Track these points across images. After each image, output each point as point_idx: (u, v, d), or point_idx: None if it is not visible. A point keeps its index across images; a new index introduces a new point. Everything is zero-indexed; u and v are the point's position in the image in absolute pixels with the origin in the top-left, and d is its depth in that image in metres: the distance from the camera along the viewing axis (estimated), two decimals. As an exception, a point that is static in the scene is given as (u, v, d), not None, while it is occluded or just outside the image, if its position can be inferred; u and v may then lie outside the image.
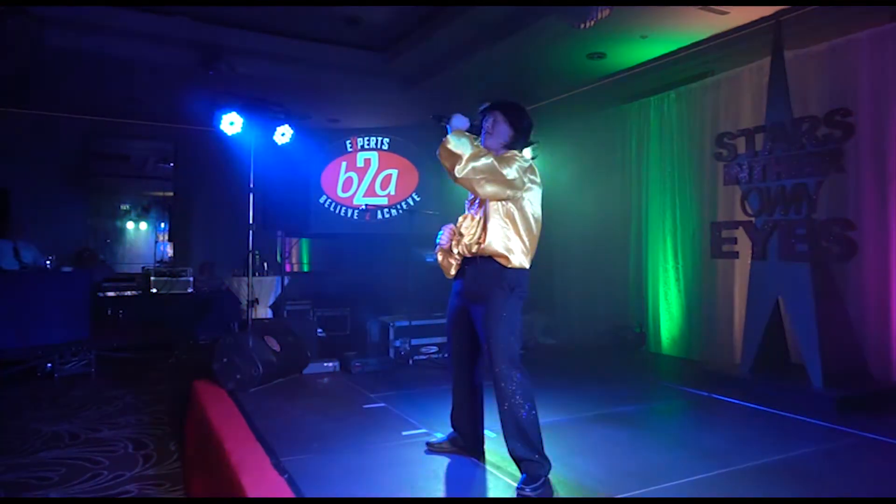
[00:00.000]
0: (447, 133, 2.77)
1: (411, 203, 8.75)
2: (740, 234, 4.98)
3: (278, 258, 8.12)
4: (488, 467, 2.94)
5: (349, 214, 8.86)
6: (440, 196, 8.61)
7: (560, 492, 2.65)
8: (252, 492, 2.53)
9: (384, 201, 8.92)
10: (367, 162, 8.98)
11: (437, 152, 2.74)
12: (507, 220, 2.79)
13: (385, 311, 6.31)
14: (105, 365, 6.37)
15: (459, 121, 2.86)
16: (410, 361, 5.62)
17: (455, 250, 2.98)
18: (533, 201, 2.84)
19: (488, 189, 2.70)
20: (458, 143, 2.68)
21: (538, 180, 2.87)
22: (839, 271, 4.65)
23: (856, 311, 4.69)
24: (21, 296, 6.12)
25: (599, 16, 4.67)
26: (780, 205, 4.62)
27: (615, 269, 6.94)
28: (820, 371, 4.22)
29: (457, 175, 2.67)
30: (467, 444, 3.10)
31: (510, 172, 2.72)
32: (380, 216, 8.86)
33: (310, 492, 2.57)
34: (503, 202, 2.77)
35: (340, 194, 8.93)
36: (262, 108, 5.68)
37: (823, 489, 2.72)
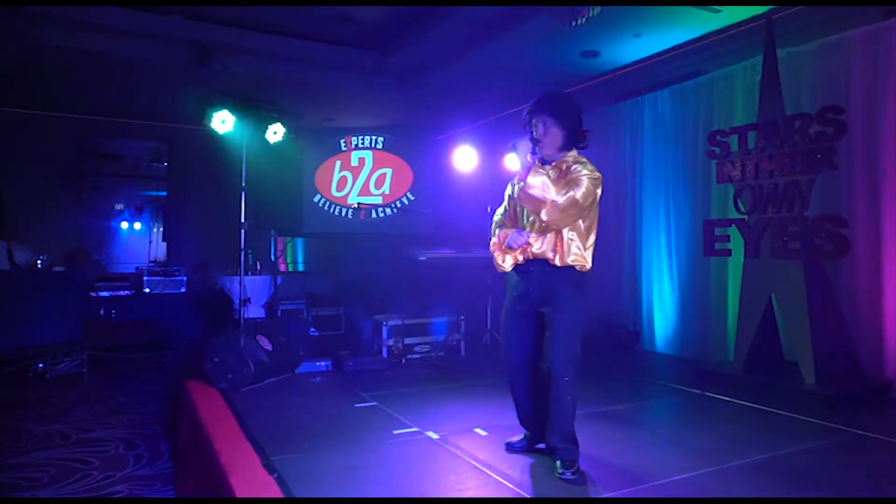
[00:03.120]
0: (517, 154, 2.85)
1: (405, 202, 8.73)
2: (733, 231, 4.98)
3: (272, 257, 8.08)
4: (482, 467, 2.93)
5: (343, 213, 8.83)
6: (434, 195, 8.60)
7: (553, 491, 2.64)
8: (240, 492, 2.52)
9: (378, 200, 8.89)
10: (362, 161, 8.95)
11: (519, 197, 2.87)
12: (575, 233, 2.89)
13: (379, 310, 6.30)
14: (97, 365, 6.34)
15: (525, 150, 2.85)
16: (403, 360, 5.61)
17: (520, 257, 3.00)
18: (596, 207, 2.94)
19: (570, 221, 2.84)
20: (537, 187, 2.72)
21: (601, 185, 2.90)
22: (832, 268, 4.65)
23: (848, 308, 4.69)
24: (13, 296, 6.07)
25: (590, 12, 4.67)
26: (773, 202, 4.62)
27: (609, 268, 6.93)
28: (812, 368, 4.23)
29: (544, 218, 2.76)
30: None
31: (586, 197, 2.78)
32: (374, 215, 8.83)
33: (299, 491, 2.55)
34: None
35: (335, 193, 8.90)
36: (253, 107, 5.65)
37: (815, 486, 2.71)
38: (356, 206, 8.45)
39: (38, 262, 6.49)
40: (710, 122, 5.76)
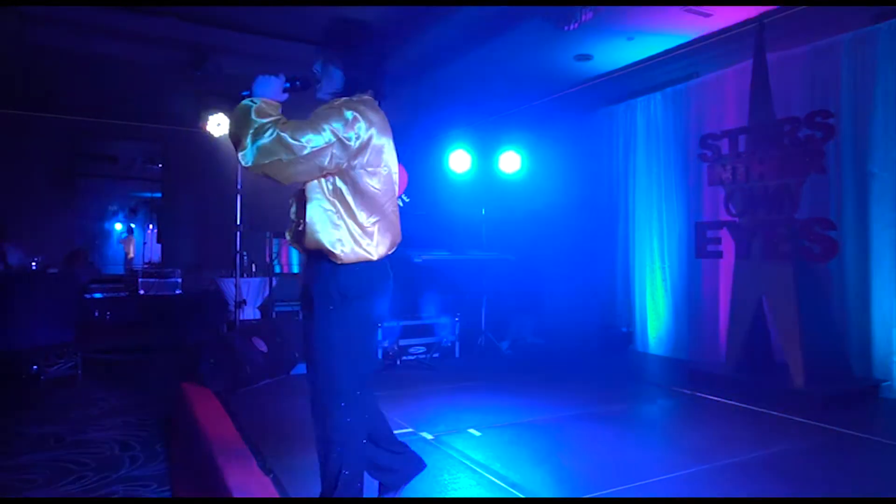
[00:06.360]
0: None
1: (400, 204, 8.75)
2: (725, 234, 5.03)
3: (267, 259, 8.08)
4: (475, 467, 2.96)
5: (338, 215, 8.86)
6: (429, 196, 8.63)
7: (547, 491, 2.67)
8: (237, 492, 2.54)
9: (373, 202, 8.92)
10: (356, 163, 8.99)
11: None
12: (334, 200, 2.01)
13: (373, 311, 6.30)
14: (91, 367, 6.32)
15: (262, 85, 2.03)
16: (398, 362, 5.63)
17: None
18: (372, 166, 2.06)
19: (290, 172, 1.91)
20: (238, 119, 1.91)
21: (373, 132, 2.05)
22: (821, 270, 4.71)
23: (837, 309, 4.75)
24: (6, 298, 6.05)
25: (583, 18, 4.71)
26: (763, 205, 4.67)
27: (602, 270, 6.99)
28: (802, 369, 4.27)
29: (242, 164, 1.89)
30: (404, 471, 2.42)
31: (316, 139, 1.89)
32: (369, 216, 8.86)
33: (295, 492, 2.57)
34: (326, 178, 2.01)
35: (329, 195, 8.93)
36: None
37: (805, 486, 2.75)
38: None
39: (33, 263, 6.48)
40: (702, 125, 5.81)
